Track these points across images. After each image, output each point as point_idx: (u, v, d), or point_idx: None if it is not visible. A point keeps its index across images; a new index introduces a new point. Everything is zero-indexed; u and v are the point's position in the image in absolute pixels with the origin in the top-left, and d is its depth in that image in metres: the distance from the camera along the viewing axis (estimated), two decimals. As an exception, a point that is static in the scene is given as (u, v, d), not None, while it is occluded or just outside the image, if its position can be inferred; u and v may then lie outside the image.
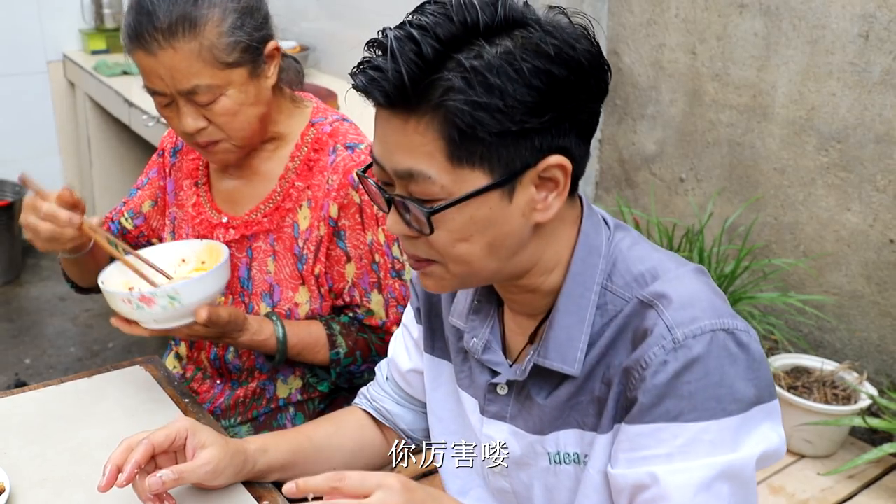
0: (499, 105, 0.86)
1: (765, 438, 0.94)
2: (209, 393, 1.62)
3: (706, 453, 0.91)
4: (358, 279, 1.51)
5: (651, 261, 1.00)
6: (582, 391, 1.01)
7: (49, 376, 3.15)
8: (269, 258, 1.54)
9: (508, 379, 1.07)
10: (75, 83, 4.00)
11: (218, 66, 1.37)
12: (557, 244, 1.00)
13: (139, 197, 1.69)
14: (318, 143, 1.52)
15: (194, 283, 1.31)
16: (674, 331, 0.92)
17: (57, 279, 3.92)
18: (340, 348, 1.50)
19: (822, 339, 2.65)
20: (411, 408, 1.32)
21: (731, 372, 0.92)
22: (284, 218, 1.52)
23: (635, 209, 2.96)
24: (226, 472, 1.13)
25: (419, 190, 0.91)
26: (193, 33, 1.35)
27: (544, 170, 0.92)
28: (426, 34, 0.86)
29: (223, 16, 1.38)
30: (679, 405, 0.91)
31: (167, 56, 1.35)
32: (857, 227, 2.48)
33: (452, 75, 0.86)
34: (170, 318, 1.31)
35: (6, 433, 1.32)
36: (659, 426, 0.92)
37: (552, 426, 1.04)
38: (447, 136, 0.88)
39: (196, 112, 1.40)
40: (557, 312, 1.01)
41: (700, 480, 0.91)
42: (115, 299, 1.30)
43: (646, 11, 2.92)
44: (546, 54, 0.87)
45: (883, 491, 2.24)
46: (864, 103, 2.39)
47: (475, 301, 1.12)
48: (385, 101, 0.88)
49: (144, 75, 1.40)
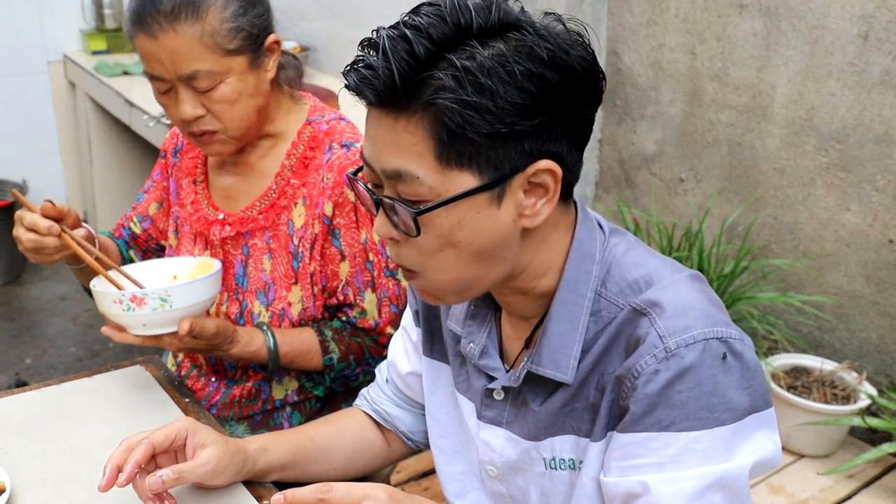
0: (489, 106, 0.86)
1: (759, 447, 0.93)
2: (204, 391, 1.63)
3: (698, 463, 0.90)
4: (352, 278, 1.51)
5: (646, 267, 0.99)
6: (577, 398, 1.01)
7: (50, 376, 3.16)
8: (264, 256, 1.54)
9: (503, 385, 1.08)
10: (76, 83, 4.00)
11: (219, 51, 1.39)
12: (549, 250, 1.00)
13: (146, 200, 1.71)
14: (315, 142, 1.53)
15: (186, 286, 1.31)
16: (666, 339, 0.92)
17: (57, 279, 3.92)
18: (333, 354, 1.50)
19: (821, 339, 2.65)
20: (411, 410, 1.32)
21: (724, 381, 0.91)
22: (280, 215, 1.53)
23: (635, 209, 2.96)
24: (226, 472, 1.13)
25: (407, 191, 0.90)
26: (196, 17, 1.36)
27: (534, 174, 0.91)
28: (419, 34, 0.86)
29: (226, 2, 1.39)
30: (671, 414, 0.91)
31: (169, 39, 1.36)
32: (856, 227, 2.49)
33: (443, 74, 0.85)
34: (159, 323, 1.31)
35: (7, 433, 1.32)
36: (650, 435, 0.92)
37: (547, 432, 1.04)
38: (436, 135, 0.87)
39: (195, 99, 1.41)
40: (551, 320, 1.00)
41: (692, 490, 0.90)
42: (105, 299, 1.30)
43: (645, 12, 2.92)
44: (539, 58, 0.87)
45: (882, 491, 2.25)
46: (863, 103, 2.39)
47: (472, 306, 1.11)
48: (376, 99, 0.88)
49: (145, 60, 1.41)
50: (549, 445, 1.04)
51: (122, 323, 1.33)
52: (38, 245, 1.37)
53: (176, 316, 1.31)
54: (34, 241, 1.36)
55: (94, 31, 4.00)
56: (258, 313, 1.53)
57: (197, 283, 1.33)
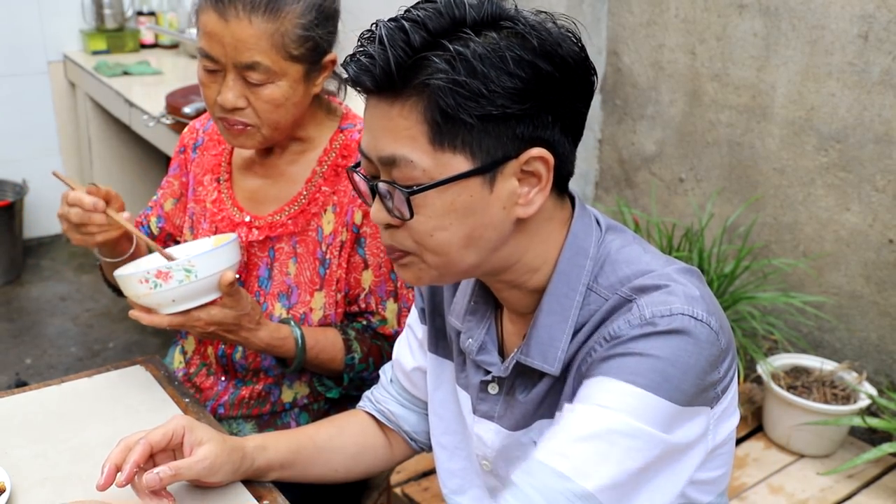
0: (481, 89, 0.88)
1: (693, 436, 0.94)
2: (213, 389, 1.62)
3: (629, 413, 0.90)
4: (375, 286, 1.51)
5: (640, 263, 1.00)
6: (560, 384, 1.03)
7: (50, 376, 3.16)
8: (290, 260, 1.54)
9: (495, 376, 1.09)
10: (76, 83, 4.00)
11: (283, 53, 1.38)
12: (544, 244, 1.01)
13: (162, 197, 1.70)
14: (347, 150, 1.53)
15: (208, 254, 1.31)
16: (643, 309, 0.94)
17: (57, 279, 3.92)
18: (356, 353, 1.50)
19: (821, 339, 2.65)
20: (415, 409, 1.32)
21: (687, 360, 0.92)
22: (309, 222, 1.53)
23: (635, 209, 2.96)
24: (223, 469, 1.13)
25: (402, 176, 0.93)
26: (274, 15, 1.36)
27: (526, 162, 0.93)
28: (416, 25, 0.90)
29: (306, 10, 1.39)
30: (627, 364, 0.92)
31: (240, 27, 1.35)
32: (856, 227, 2.49)
33: (437, 57, 0.89)
34: (187, 296, 1.31)
35: (7, 433, 1.32)
36: (600, 378, 0.93)
37: (532, 418, 1.06)
38: (430, 118, 0.90)
39: (241, 89, 1.40)
40: (541, 311, 1.02)
41: (604, 427, 0.89)
42: (131, 282, 1.30)
43: (645, 12, 2.92)
44: (531, 47, 0.90)
45: (882, 490, 2.25)
46: (863, 103, 2.39)
47: (472, 302, 1.12)
48: (373, 85, 0.91)
49: (206, 37, 1.39)
50: (538, 430, 1.06)
51: (151, 304, 1.32)
52: (84, 220, 1.36)
53: (202, 286, 1.30)
54: (81, 215, 1.35)
55: (94, 31, 4.00)
56: (278, 315, 1.53)
57: (217, 250, 1.33)
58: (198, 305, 1.32)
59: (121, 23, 4.02)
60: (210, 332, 1.36)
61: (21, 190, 3.90)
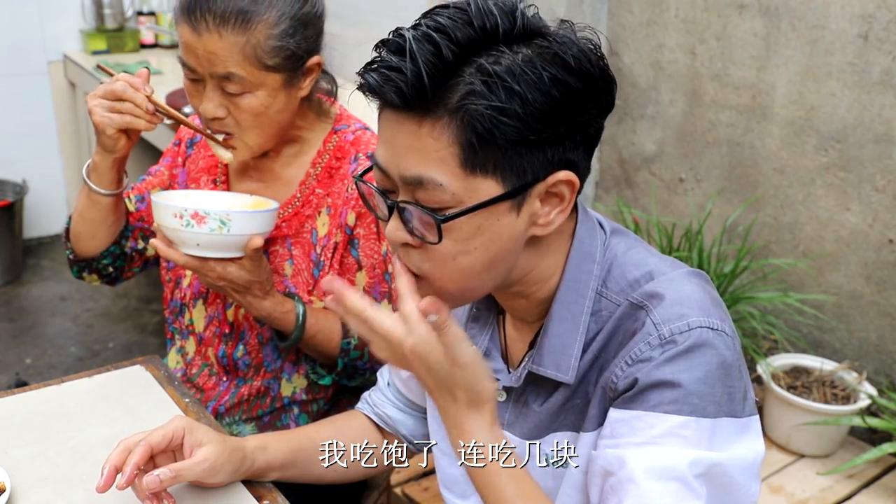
0: (518, 112, 0.85)
1: (749, 448, 0.93)
2: (214, 390, 1.63)
3: (681, 446, 0.89)
4: (369, 288, 1.51)
5: (647, 266, 1.00)
6: (576, 395, 1.01)
7: (50, 376, 3.16)
8: (286, 262, 1.54)
9: (505, 385, 1.07)
10: (76, 83, 4.00)
11: (256, 64, 1.38)
12: (553, 256, 1.00)
13: (148, 182, 1.69)
14: (341, 152, 1.53)
15: (247, 214, 1.32)
16: (660, 327, 0.92)
17: (58, 279, 3.92)
18: (352, 338, 1.50)
19: (821, 339, 2.65)
20: (412, 413, 1.32)
21: (716, 372, 0.91)
22: (303, 224, 1.53)
23: (635, 209, 2.96)
24: (224, 470, 1.13)
25: (427, 197, 0.89)
26: (243, 28, 1.36)
27: (553, 185, 0.91)
28: (444, 37, 0.85)
29: (278, 20, 1.38)
30: (660, 396, 0.90)
31: (211, 40, 1.36)
32: (856, 226, 2.49)
33: (473, 79, 0.84)
34: (213, 246, 1.31)
35: (7, 433, 1.32)
36: (637, 413, 0.91)
37: (548, 429, 1.04)
38: (464, 141, 0.86)
39: (220, 99, 1.41)
40: (551, 320, 1.00)
41: (666, 464, 0.88)
42: (166, 212, 1.30)
43: (645, 12, 2.92)
44: (565, 64, 0.87)
45: (882, 491, 2.24)
46: (863, 103, 2.39)
47: (474, 309, 1.11)
48: (401, 101, 0.86)
49: (183, 48, 1.41)
50: (549, 442, 1.04)
51: (176, 239, 1.32)
52: (128, 93, 1.39)
53: (229, 242, 1.31)
54: (126, 87, 1.39)
55: (94, 31, 4.00)
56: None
57: (257, 213, 1.33)
58: (218, 258, 1.33)
59: (121, 23, 4.02)
60: (220, 285, 1.37)
61: (21, 190, 3.90)
